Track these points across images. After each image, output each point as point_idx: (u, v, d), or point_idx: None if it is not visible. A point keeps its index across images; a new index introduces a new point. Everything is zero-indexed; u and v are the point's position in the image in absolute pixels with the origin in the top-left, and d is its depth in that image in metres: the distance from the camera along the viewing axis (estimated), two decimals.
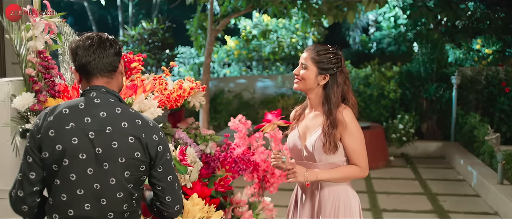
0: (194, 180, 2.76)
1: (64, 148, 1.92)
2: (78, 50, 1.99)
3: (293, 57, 14.38)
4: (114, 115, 1.98)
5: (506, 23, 13.17)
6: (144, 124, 2.02)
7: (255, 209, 3.65)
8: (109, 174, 1.96)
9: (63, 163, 1.93)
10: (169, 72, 3.23)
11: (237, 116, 3.88)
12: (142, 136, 1.99)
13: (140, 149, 1.98)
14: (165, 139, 2.10)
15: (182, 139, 3.07)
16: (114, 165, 1.96)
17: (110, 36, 2.05)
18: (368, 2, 8.07)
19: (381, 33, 15.03)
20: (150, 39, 11.74)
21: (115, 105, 2.02)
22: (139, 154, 1.98)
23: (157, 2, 18.57)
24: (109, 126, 1.96)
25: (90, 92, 2.01)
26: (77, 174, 1.94)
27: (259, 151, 3.80)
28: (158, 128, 2.08)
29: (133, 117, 2.02)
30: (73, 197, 1.94)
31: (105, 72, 2.01)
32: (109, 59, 2.01)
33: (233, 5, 8.71)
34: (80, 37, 2.02)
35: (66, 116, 1.95)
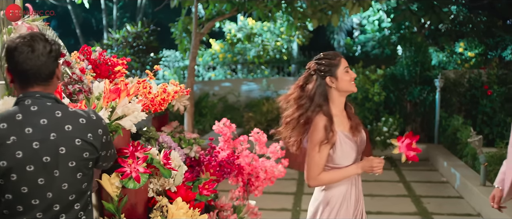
0: (179, 183, 2.75)
1: (9, 164, 1.84)
2: (15, 54, 1.88)
3: (278, 61, 14.41)
4: (55, 119, 1.91)
5: (488, 26, 13.32)
6: (88, 121, 1.98)
7: (240, 212, 3.65)
8: (60, 180, 1.91)
9: (10, 178, 1.85)
10: (154, 75, 3.22)
11: (222, 119, 3.88)
12: (88, 135, 1.95)
13: (88, 148, 1.96)
14: (106, 125, 2.10)
15: (167, 143, 3.06)
16: (65, 171, 1.91)
17: (49, 39, 1.95)
18: (352, 5, 8.13)
19: (366, 36, 15.12)
20: (134, 42, 11.68)
21: (54, 109, 1.94)
22: (88, 153, 1.96)
23: (142, 5, 18.50)
24: (53, 132, 1.89)
25: (25, 100, 1.92)
26: (29, 187, 1.87)
27: (243, 154, 3.81)
28: (100, 119, 2.06)
29: (76, 117, 1.96)
30: (29, 207, 1.88)
31: (42, 81, 1.94)
32: (48, 68, 1.92)
33: (218, 8, 8.71)
34: (17, 38, 1.91)
35: (5, 131, 1.85)
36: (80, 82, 2.58)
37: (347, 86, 2.77)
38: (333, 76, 2.73)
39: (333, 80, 2.74)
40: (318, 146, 2.65)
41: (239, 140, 3.85)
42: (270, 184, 3.93)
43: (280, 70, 14.60)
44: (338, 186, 2.76)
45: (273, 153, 3.98)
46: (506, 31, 13.42)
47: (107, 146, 2.10)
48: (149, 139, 3.02)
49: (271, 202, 6.35)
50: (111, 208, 2.44)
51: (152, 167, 2.52)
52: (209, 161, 3.37)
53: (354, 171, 2.74)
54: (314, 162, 2.67)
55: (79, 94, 2.55)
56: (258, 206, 4.02)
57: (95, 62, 2.97)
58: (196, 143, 3.40)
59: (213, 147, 3.57)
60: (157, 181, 2.68)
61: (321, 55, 2.81)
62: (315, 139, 2.65)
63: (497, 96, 9.39)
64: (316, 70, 2.77)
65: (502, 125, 9.31)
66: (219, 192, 3.68)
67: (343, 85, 2.75)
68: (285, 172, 3.98)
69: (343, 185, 2.76)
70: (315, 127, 2.67)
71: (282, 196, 6.76)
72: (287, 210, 6.15)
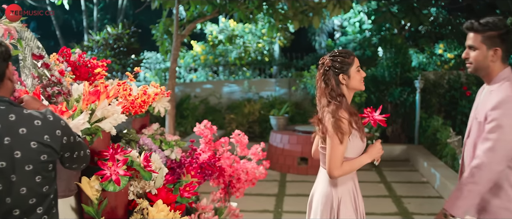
0: (159, 186, 2.74)
1: None
2: None
3: (260, 62, 14.42)
4: (9, 123, 1.86)
5: None
6: (44, 123, 1.93)
7: (221, 214, 3.64)
8: (18, 185, 1.87)
9: None
10: (135, 77, 3.21)
11: (203, 121, 3.88)
12: (44, 137, 1.91)
13: (45, 150, 1.91)
14: (67, 126, 2.03)
15: (147, 145, 3.05)
16: (22, 175, 1.87)
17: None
18: (333, 7, 8.17)
19: (347, 38, 15.20)
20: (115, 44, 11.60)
21: (8, 112, 1.89)
22: (45, 156, 1.91)
23: (123, 7, 18.39)
24: (7, 136, 1.84)
25: None
26: None
27: (225, 156, 3.81)
28: (58, 120, 1.99)
29: (31, 119, 1.91)
30: None
31: None
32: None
33: (199, 10, 8.70)
34: None
35: None
36: (59, 84, 2.56)
37: (358, 84, 2.85)
38: (346, 74, 2.81)
39: (345, 78, 2.82)
40: (343, 137, 2.72)
41: (220, 141, 3.85)
42: (252, 185, 3.94)
43: (262, 72, 14.62)
44: (346, 183, 2.87)
45: (254, 155, 3.99)
46: None
47: (71, 147, 2.04)
48: (129, 141, 3.01)
49: (253, 204, 6.35)
50: (91, 211, 2.43)
51: (132, 169, 2.51)
52: (190, 163, 3.37)
53: (366, 160, 2.86)
54: (339, 153, 2.74)
55: (58, 97, 2.53)
56: (240, 208, 4.03)
57: (75, 64, 2.95)
58: (177, 145, 3.38)
59: (194, 149, 3.56)
60: (137, 184, 2.67)
61: (336, 53, 2.87)
62: (342, 131, 2.72)
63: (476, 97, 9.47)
64: (331, 67, 2.84)
65: None
66: (201, 194, 3.68)
67: (354, 84, 2.84)
68: (267, 173, 3.98)
69: (349, 181, 2.88)
70: (341, 119, 2.73)
71: (263, 198, 6.76)
72: (269, 212, 6.15)
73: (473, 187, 2.63)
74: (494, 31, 2.69)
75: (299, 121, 11.15)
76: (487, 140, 2.61)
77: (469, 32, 2.77)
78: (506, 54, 2.75)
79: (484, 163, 2.59)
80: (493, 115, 2.61)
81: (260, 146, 4.05)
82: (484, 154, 2.60)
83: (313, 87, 10.95)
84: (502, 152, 2.58)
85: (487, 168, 2.59)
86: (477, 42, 2.73)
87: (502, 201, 2.70)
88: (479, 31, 2.72)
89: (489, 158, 2.59)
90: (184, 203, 2.90)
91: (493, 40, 2.70)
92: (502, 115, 2.58)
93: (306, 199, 3.20)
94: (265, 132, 10.87)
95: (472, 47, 2.75)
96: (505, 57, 2.75)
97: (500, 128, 2.57)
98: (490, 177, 2.61)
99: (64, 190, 2.41)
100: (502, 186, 2.69)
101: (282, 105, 11.08)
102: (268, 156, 8.77)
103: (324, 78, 2.87)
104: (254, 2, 8.29)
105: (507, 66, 2.78)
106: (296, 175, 8.34)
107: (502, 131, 2.57)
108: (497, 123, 2.58)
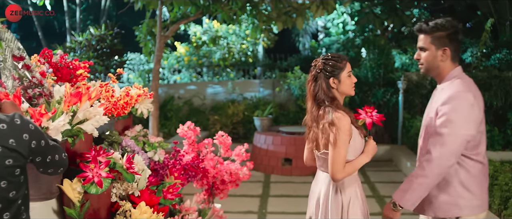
0: (142, 187, 2.73)
1: None
2: None
3: (244, 63, 14.42)
4: None
5: None
6: (10, 126, 1.86)
7: (205, 216, 3.64)
8: None
9: None
10: (118, 79, 3.19)
11: (186, 122, 3.87)
12: (9, 141, 1.84)
13: (10, 155, 1.85)
14: (37, 130, 1.96)
15: (130, 147, 3.03)
16: None
17: None
18: (317, 8, 8.19)
19: (330, 39, 15.25)
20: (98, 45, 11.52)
21: None
22: (11, 160, 1.85)
23: (106, 8, 18.27)
24: None
25: None
26: None
27: (208, 157, 3.80)
28: (26, 123, 1.92)
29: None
30: None
31: None
32: None
33: (183, 11, 8.67)
34: None
35: None
36: (41, 86, 2.53)
37: (348, 89, 2.87)
38: (337, 78, 2.83)
39: (335, 82, 2.83)
40: (344, 141, 2.74)
41: (204, 143, 3.84)
42: (235, 187, 3.94)
43: (246, 73, 14.62)
44: (353, 184, 2.90)
45: (238, 156, 3.99)
46: (466, 34, 13.73)
47: (43, 152, 1.98)
48: (112, 143, 2.99)
49: (237, 205, 6.34)
50: (73, 213, 2.41)
51: (114, 171, 2.49)
52: (173, 164, 3.35)
53: (365, 159, 2.88)
54: (341, 156, 2.74)
55: (39, 99, 2.51)
56: (224, 209, 4.02)
57: (56, 66, 2.92)
58: (160, 147, 3.37)
59: (177, 150, 3.55)
60: (120, 186, 2.65)
61: (329, 56, 2.88)
62: (342, 134, 2.73)
63: None
64: (322, 70, 2.85)
65: None
66: (184, 196, 3.67)
67: (344, 88, 2.86)
68: (251, 174, 3.99)
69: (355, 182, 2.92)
70: (341, 123, 2.74)
71: (248, 199, 6.76)
72: (253, 213, 6.15)
73: (422, 180, 2.71)
74: (442, 31, 2.79)
75: (283, 122, 11.16)
76: (438, 135, 2.68)
77: (419, 34, 2.88)
78: (455, 53, 2.85)
79: (434, 157, 2.67)
80: (443, 110, 2.69)
81: (243, 147, 4.05)
82: (434, 148, 2.68)
83: (297, 88, 10.98)
84: (452, 147, 2.66)
85: (437, 161, 2.66)
86: (426, 43, 2.83)
87: (450, 197, 2.80)
88: (428, 33, 2.82)
89: (439, 152, 2.66)
90: (168, 204, 2.89)
91: (441, 40, 2.80)
92: (452, 110, 2.66)
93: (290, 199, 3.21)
94: (249, 133, 10.87)
95: (423, 48, 2.86)
96: (454, 57, 2.85)
97: (451, 122, 2.65)
98: (439, 171, 2.68)
99: (46, 192, 2.38)
100: (451, 182, 2.78)
101: (266, 106, 11.09)
102: (252, 157, 8.77)
103: (314, 81, 2.88)
104: (237, 3, 8.29)
105: (458, 65, 2.87)
106: (280, 176, 8.35)
107: (452, 125, 2.65)
108: (447, 117, 2.66)
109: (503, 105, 9.49)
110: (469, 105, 2.67)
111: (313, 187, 3.07)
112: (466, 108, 2.66)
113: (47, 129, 2.18)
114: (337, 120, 2.73)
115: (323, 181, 2.95)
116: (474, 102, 2.69)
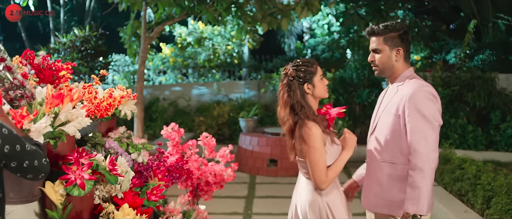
0: (126, 189, 2.71)
1: None
2: None
3: (229, 65, 14.42)
4: None
5: (433, 30, 13.74)
6: None
7: (189, 217, 3.63)
8: None
9: None
10: (102, 80, 3.17)
11: (170, 124, 3.86)
12: None
13: None
14: (11, 134, 1.90)
15: (113, 148, 3.01)
16: None
17: None
18: (301, 9, 8.21)
19: (315, 40, 15.31)
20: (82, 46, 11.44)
21: None
22: None
23: (90, 9, 18.17)
24: None
25: None
26: None
27: (192, 159, 3.80)
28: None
29: None
30: None
31: None
32: None
33: (167, 12, 8.65)
34: None
35: None
36: (22, 87, 2.51)
37: (322, 93, 2.88)
38: (311, 83, 2.83)
39: (310, 87, 2.83)
40: (320, 150, 2.74)
41: (188, 144, 3.84)
42: (220, 188, 3.93)
43: (231, 74, 14.62)
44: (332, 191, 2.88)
45: (222, 157, 3.99)
46: (449, 35, 13.86)
47: (18, 156, 1.92)
48: (95, 145, 2.97)
49: (223, 206, 6.34)
50: (55, 216, 2.39)
51: (97, 173, 2.47)
52: (157, 166, 3.34)
53: (347, 155, 2.90)
54: (321, 166, 2.74)
55: (21, 100, 2.48)
56: (209, 211, 4.02)
57: (39, 67, 2.89)
58: (144, 148, 3.35)
59: (161, 152, 3.54)
60: (103, 188, 2.64)
61: (299, 62, 2.87)
62: (317, 144, 2.73)
63: (442, 98, 9.66)
64: (295, 77, 2.83)
65: (447, 126, 9.59)
66: (169, 198, 3.66)
67: (319, 92, 2.86)
68: (235, 175, 3.99)
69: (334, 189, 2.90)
70: (312, 132, 2.74)
71: (233, 200, 6.76)
72: (238, 214, 6.15)
73: (426, 181, 2.68)
74: (394, 32, 2.87)
75: (268, 123, 11.17)
76: (417, 131, 2.71)
77: (371, 36, 2.94)
78: (407, 54, 2.93)
79: (424, 153, 2.68)
80: (412, 106, 2.74)
81: (228, 148, 4.05)
82: (419, 144, 2.70)
83: None
84: (433, 137, 2.71)
85: (428, 156, 2.68)
86: (380, 44, 2.89)
87: None
88: (380, 34, 2.88)
89: (425, 147, 2.68)
90: (151, 206, 2.87)
91: (394, 41, 2.87)
92: (421, 103, 2.72)
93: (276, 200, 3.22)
94: (235, 134, 10.87)
95: (377, 50, 2.92)
96: (407, 57, 2.93)
97: (424, 116, 2.70)
98: (434, 164, 2.70)
99: (27, 195, 2.36)
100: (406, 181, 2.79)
101: (251, 107, 11.10)
102: (238, 158, 8.77)
103: (288, 89, 2.86)
104: (222, 4, 8.28)
105: (410, 66, 2.97)
106: (265, 177, 8.36)
107: (426, 118, 2.70)
108: (420, 112, 2.71)
109: (486, 106, 9.58)
110: (433, 97, 2.75)
111: (294, 190, 3.08)
112: (432, 99, 2.74)
113: (29, 131, 2.16)
114: (309, 130, 2.74)
115: (303, 186, 2.95)
116: (436, 95, 2.78)
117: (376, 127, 3.02)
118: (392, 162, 2.87)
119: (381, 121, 2.97)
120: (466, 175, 5.91)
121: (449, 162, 6.71)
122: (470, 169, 5.87)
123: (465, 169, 6.05)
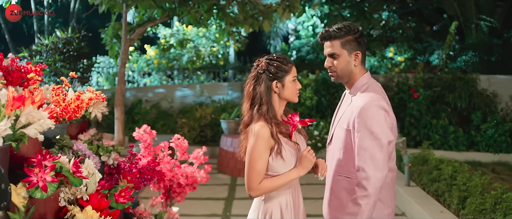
0: (92, 192, 2.70)
1: None
2: None
3: (214, 66, 14.42)
4: None
5: (417, 32, 13.84)
6: None
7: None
8: None
9: None
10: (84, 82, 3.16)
11: (143, 125, 3.86)
12: None
13: None
14: None
15: (81, 151, 3.01)
16: None
17: None
18: (283, 11, 8.25)
19: (300, 41, 15.36)
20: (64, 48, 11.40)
21: None
22: None
23: (75, 11, 18.09)
24: None
25: None
26: None
27: (165, 160, 3.80)
28: None
29: None
30: None
31: None
32: None
33: (149, 14, 8.64)
34: None
35: None
36: None
37: (291, 96, 2.68)
38: (280, 82, 2.64)
39: (278, 85, 2.65)
40: (260, 154, 2.56)
41: (160, 146, 3.84)
42: (193, 190, 3.94)
43: (216, 76, 14.62)
44: (277, 197, 2.69)
45: (196, 159, 3.99)
46: (433, 36, 13.97)
47: None
48: (62, 147, 2.96)
49: (202, 208, 6.33)
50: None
51: (61, 175, 2.47)
52: (129, 168, 3.34)
53: (296, 174, 2.63)
54: (255, 171, 2.56)
55: None
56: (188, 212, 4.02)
57: (7, 69, 2.89)
58: (115, 150, 3.35)
59: (133, 154, 3.53)
60: (68, 190, 2.63)
61: (274, 56, 2.69)
62: (258, 147, 2.55)
63: (423, 99, 9.74)
64: (265, 71, 2.65)
65: (428, 127, 9.67)
66: (143, 199, 3.65)
67: (287, 94, 2.67)
68: (209, 177, 3.98)
69: (282, 195, 2.69)
70: (258, 134, 2.56)
71: (212, 202, 6.75)
72: (217, 216, 6.14)
73: (368, 200, 2.56)
74: (350, 35, 2.72)
75: None
76: (363, 149, 2.59)
77: (327, 41, 2.76)
78: (364, 57, 2.79)
79: (370, 174, 2.56)
80: (361, 122, 2.60)
81: (202, 150, 4.05)
82: (366, 164, 2.57)
83: None
84: (381, 156, 2.57)
85: (374, 177, 2.55)
86: (337, 48, 2.73)
87: None
88: (337, 37, 2.72)
89: (372, 167, 2.56)
90: (119, 208, 2.87)
91: (352, 44, 2.73)
92: (369, 120, 2.58)
93: None
94: (217, 135, 10.87)
95: (334, 54, 2.75)
96: (363, 61, 2.79)
97: (372, 133, 2.57)
98: (380, 184, 2.57)
99: None
100: None
101: (234, 109, 11.10)
102: (219, 160, 8.78)
103: (254, 82, 2.67)
104: (204, 6, 8.29)
105: (367, 71, 2.82)
106: None
107: (374, 136, 2.57)
108: (368, 129, 2.58)
109: (467, 107, 9.67)
110: (384, 113, 2.61)
111: None
112: (382, 116, 2.60)
113: None
114: (257, 130, 2.56)
115: None
116: (387, 109, 2.64)
117: (332, 139, 2.87)
118: (347, 177, 2.73)
119: (335, 133, 2.82)
120: (442, 176, 5.96)
121: (426, 162, 6.77)
122: (447, 170, 5.92)
123: (442, 169, 6.09)
